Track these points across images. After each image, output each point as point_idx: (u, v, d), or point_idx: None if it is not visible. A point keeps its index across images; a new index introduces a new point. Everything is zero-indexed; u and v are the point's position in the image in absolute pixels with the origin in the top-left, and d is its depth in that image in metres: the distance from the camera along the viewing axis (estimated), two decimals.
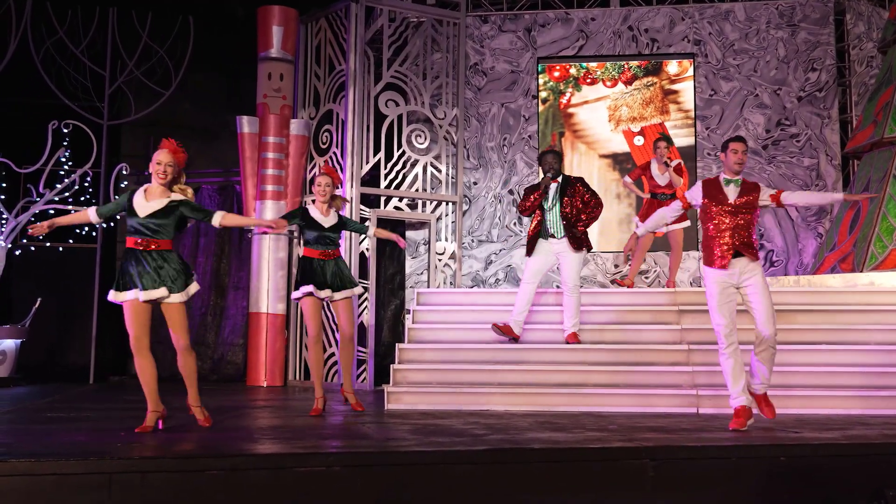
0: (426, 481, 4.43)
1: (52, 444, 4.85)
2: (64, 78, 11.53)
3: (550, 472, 4.58)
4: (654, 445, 4.86)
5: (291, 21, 11.15)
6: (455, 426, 5.90)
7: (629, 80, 11.30)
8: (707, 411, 7.12)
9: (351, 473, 4.37)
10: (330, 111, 10.98)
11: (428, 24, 11.15)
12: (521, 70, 11.41)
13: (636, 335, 8.07)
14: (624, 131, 11.24)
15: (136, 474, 4.14)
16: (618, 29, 11.29)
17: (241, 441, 5.15)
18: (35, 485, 4.04)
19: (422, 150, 10.98)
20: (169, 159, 5.74)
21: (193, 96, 12.63)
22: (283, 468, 4.33)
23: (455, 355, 7.88)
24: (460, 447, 4.77)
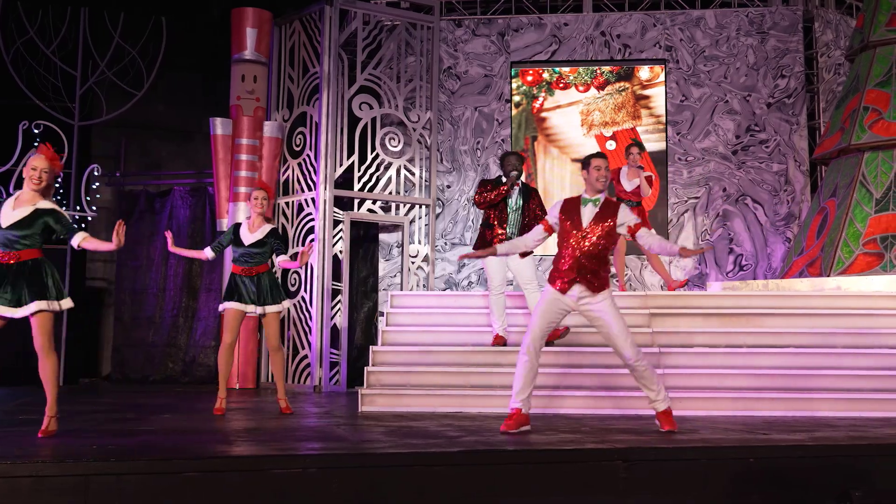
0: (402, 483, 4.47)
1: (27, 446, 4.84)
2: (34, 78, 11.44)
3: (524, 474, 4.64)
4: (626, 447, 4.94)
5: (265, 23, 11.14)
6: (429, 428, 5.94)
7: (601, 85, 11.41)
8: (678, 413, 7.16)
9: (327, 475, 4.40)
10: (304, 114, 10.98)
11: (402, 27, 11.19)
12: (495, 74, 11.48)
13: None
14: (596, 136, 11.35)
15: (113, 476, 4.15)
16: (590, 34, 11.39)
17: (216, 443, 5.16)
18: (12, 487, 4.03)
19: (395, 152, 11.02)
20: (45, 165, 5.53)
21: (166, 97, 12.59)
22: (259, 470, 4.36)
23: (428, 358, 7.92)
24: (435, 449, 4.82)
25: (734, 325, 8.24)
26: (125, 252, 12.25)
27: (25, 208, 5.44)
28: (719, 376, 7.61)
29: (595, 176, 5.88)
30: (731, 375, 7.61)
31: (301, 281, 10.62)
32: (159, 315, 11.97)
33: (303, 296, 10.55)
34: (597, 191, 5.90)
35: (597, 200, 5.90)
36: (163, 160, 13.00)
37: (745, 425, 6.28)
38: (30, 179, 5.48)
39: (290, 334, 10.68)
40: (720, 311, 8.42)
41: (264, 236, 7.19)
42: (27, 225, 5.41)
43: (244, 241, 7.16)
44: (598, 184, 5.88)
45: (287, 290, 10.78)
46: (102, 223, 12.61)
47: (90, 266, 12.88)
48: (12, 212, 5.42)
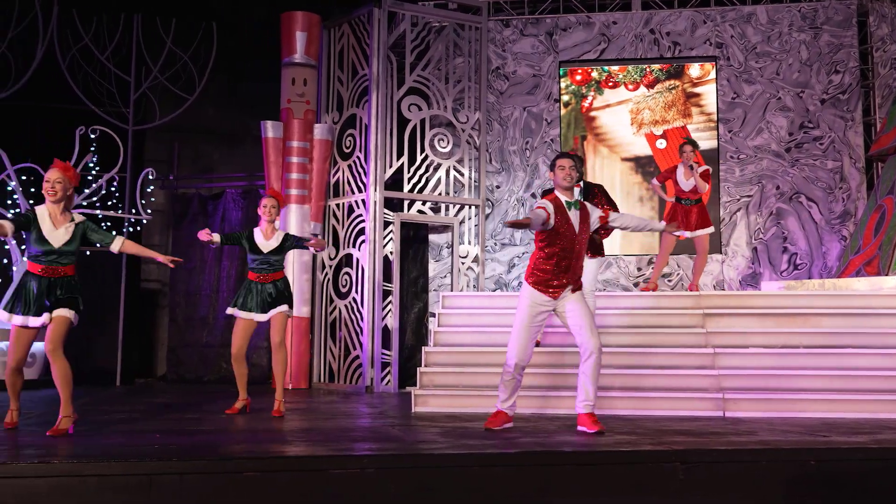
0: (459, 484, 4.47)
1: (91, 445, 4.93)
2: (90, 84, 11.65)
3: (581, 475, 4.62)
4: (684, 448, 4.90)
5: (314, 26, 11.23)
6: (478, 429, 5.94)
7: (651, 84, 11.32)
8: (734, 414, 7.13)
9: (385, 476, 4.42)
10: (353, 116, 11.05)
11: (450, 28, 11.21)
12: (543, 74, 11.45)
13: (661, 339, 8.09)
14: (646, 134, 11.26)
15: (175, 475, 4.21)
16: (639, 32, 11.31)
17: (274, 443, 5.21)
18: (78, 486, 4.11)
19: (444, 153, 11.04)
20: (58, 176, 5.64)
21: (218, 101, 12.75)
22: (317, 470, 4.39)
23: (480, 358, 7.93)
24: (491, 450, 4.82)
25: (790, 325, 8.14)
26: (179, 254, 12.41)
27: (67, 226, 5.62)
28: (776, 377, 7.52)
29: (561, 175, 5.95)
30: (787, 376, 7.52)
31: (352, 282, 10.69)
32: (212, 316, 12.12)
33: (354, 297, 10.61)
34: (565, 189, 5.96)
35: (576, 203, 5.97)
36: (215, 163, 13.15)
37: (804, 427, 6.20)
38: (46, 193, 5.62)
39: (341, 335, 10.75)
40: (776, 310, 8.32)
41: (280, 243, 7.21)
42: (73, 241, 5.62)
43: (262, 249, 7.18)
44: (565, 182, 5.93)
45: (338, 291, 10.86)
46: (157, 226, 12.82)
47: (145, 268, 13.07)
48: (55, 230, 5.58)
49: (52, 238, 5.58)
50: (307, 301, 10.92)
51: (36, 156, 10.93)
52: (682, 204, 9.18)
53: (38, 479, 4.08)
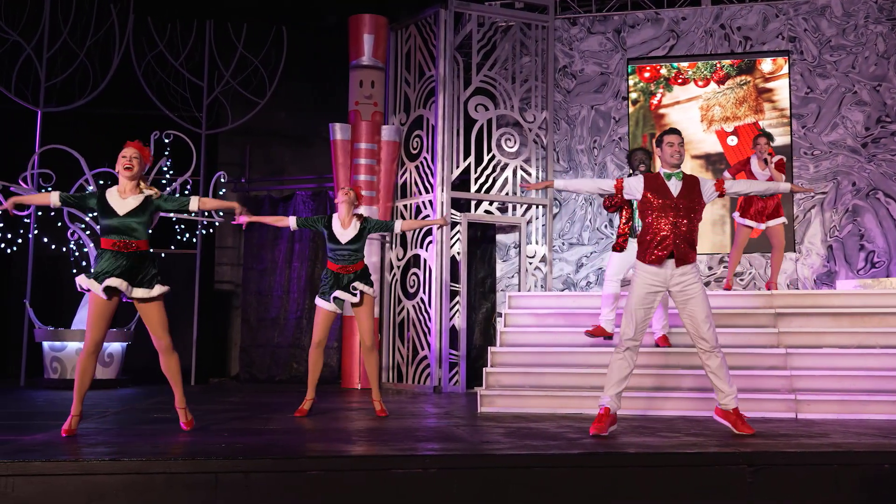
0: (522, 484, 4.46)
1: (161, 443, 5.04)
2: (164, 89, 11.92)
3: (646, 477, 4.57)
4: (752, 451, 4.80)
5: (382, 29, 11.31)
6: (549, 430, 5.92)
7: (722, 80, 11.13)
8: (806, 416, 6.98)
9: (448, 476, 4.43)
10: (420, 117, 11.10)
11: (516, 27, 11.19)
12: (611, 72, 11.34)
13: (731, 339, 7.94)
14: (717, 131, 11.07)
15: (241, 474, 4.28)
16: (709, 28, 11.13)
17: (339, 443, 5.26)
18: (146, 483, 4.21)
19: (511, 153, 11.02)
20: (134, 152, 5.68)
21: (288, 104, 12.90)
22: (380, 470, 4.42)
23: (547, 358, 7.90)
24: (555, 451, 4.79)
25: (866, 324, 7.93)
26: (250, 256, 12.65)
27: (136, 196, 5.63)
28: (850, 378, 7.34)
29: (668, 152, 5.94)
30: (862, 377, 7.33)
31: (420, 282, 10.73)
32: (283, 317, 12.29)
33: (421, 297, 10.65)
34: (672, 166, 5.94)
35: (679, 175, 5.95)
36: (286, 166, 13.32)
37: (879, 430, 6.03)
38: (122, 168, 5.64)
39: (409, 335, 10.81)
40: (850, 310, 8.11)
41: (358, 231, 7.18)
42: (141, 212, 5.60)
43: (340, 239, 7.18)
44: (672, 159, 5.93)
45: (406, 291, 10.92)
46: (230, 228, 13.04)
47: (218, 269, 13.32)
48: (123, 200, 5.60)
49: (120, 207, 5.56)
50: (376, 301, 10.98)
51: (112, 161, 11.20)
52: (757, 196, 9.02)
53: (109, 476, 4.18)
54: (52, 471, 4.15)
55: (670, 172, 5.95)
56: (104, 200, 5.62)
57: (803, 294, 8.59)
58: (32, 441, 4.99)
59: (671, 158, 5.91)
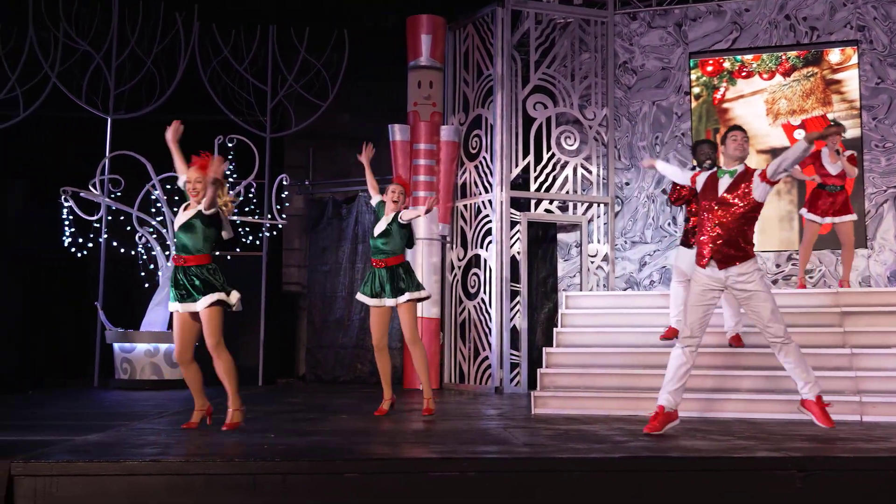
0: (558, 488, 4.40)
1: (206, 444, 5.10)
2: (229, 94, 12.12)
3: (686, 483, 4.46)
4: (803, 456, 4.65)
5: (439, 29, 11.30)
6: (598, 432, 5.83)
7: (787, 72, 10.83)
8: (872, 419, 6.75)
9: (485, 479, 4.39)
10: (479, 116, 11.06)
11: (575, 24, 11.07)
12: (673, 66, 11.14)
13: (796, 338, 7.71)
14: (783, 125, 10.78)
15: (279, 476, 4.30)
16: (774, 19, 10.84)
17: (380, 445, 5.25)
18: (185, 485, 4.26)
19: (571, 151, 10.91)
20: (196, 175, 5.86)
21: (352, 107, 13.00)
22: (416, 472, 4.40)
23: (603, 359, 7.79)
24: (596, 454, 4.71)
25: None
26: (315, 257, 12.78)
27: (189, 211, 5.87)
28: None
29: (732, 146, 5.87)
30: None
31: (480, 283, 10.70)
32: (347, 318, 12.38)
33: (482, 297, 10.62)
34: (735, 160, 5.87)
35: (733, 172, 5.86)
36: (351, 168, 13.36)
37: None
38: (189, 192, 5.94)
39: (471, 336, 10.78)
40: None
41: (388, 224, 7.06)
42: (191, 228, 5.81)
43: (374, 230, 7.14)
44: (735, 152, 5.86)
45: (467, 292, 10.89)
46: (296, 230, 13.21)
47: (286, 271, 13.50)
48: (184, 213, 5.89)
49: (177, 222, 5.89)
50: (436, 302, 10.99)
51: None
52: (827, 190, 8.79)
53: (149, 476, 4.24)
54: (94, 471, 4.23)
55: (725, 169, 5.87)
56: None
57: (871, 292, 8.34)
58: (84, 442, 5.10)
59: (734, 152, 5.85)
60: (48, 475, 4.18)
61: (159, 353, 10.49)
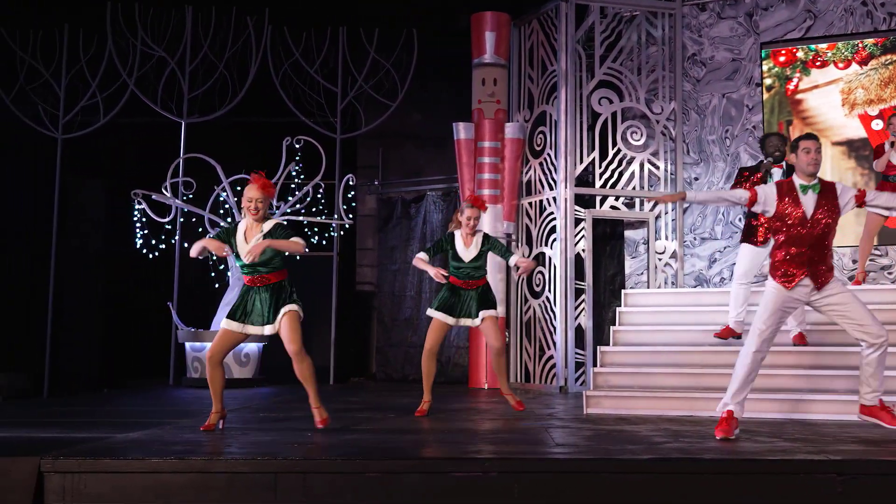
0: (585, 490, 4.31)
1: (237, 443, 5.14)
2: (300, 96, 12.27)
3: (718, 486, 4.32)
4: (843, 459, 4.45)
5: (504, 26, 11.23)
6: (640, 433, 5.69)
7: (864, 60, 10.41)
8: None
9: (508, 480, 4.33)
10: (543, 113, 10.94)
11: (641, 17, 10.86)
12: (743, 57, 10.82)
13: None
14: (860, 115, 10.36)
15: (299, 475, 4.32)
16: (850, 5, 10.43)
17: (408, 444, 5.20)
18: (208, 482, 4.31)
19: (638, 146, 10.69)
20: (259, 195, 5.81)
21: (420, 106, 13.01)
22: (439, 472, 4.37)
23: (659, 358, 7.61)
24: (625, 455, 4.59)
25: None
26: (385, 257, 12.86)
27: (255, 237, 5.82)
28: None
29: (805, 160, 5.51)
30: None
31: (545, 281, 10.59)
32: (416, 316, 12.40)
33: (547, 296, 10.51)
34: (809, 175, 5.51)
35: (816, 186, 5.52)
36: (421, 167, 13.42)
37: None
38: (248, 210, 5.87)
39: (536, 335, 10.68)
40: None
41: (479, 249, 7.12)
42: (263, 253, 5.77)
43: (463, 257, 7.13)
44: (810, 168, 5.49)
45: (532, 290, 10.79)
46: (369, 230, 13.31)
47: (360, 271, 13.60)
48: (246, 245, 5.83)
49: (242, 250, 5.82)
50: (502, 301, 10.92)
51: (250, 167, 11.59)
52: (891, 181, 8.44)
53: (173, 474, 4.31)
54: (121, 468, 4.32)
55: (806, 184, 5.53)
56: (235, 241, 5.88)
57: None
58: (123, 439, 5.21)
59: (808, 167, 5.49)
60: (76, 472, 4.29)
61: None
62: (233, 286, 11.08)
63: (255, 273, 5.87)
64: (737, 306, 7.56)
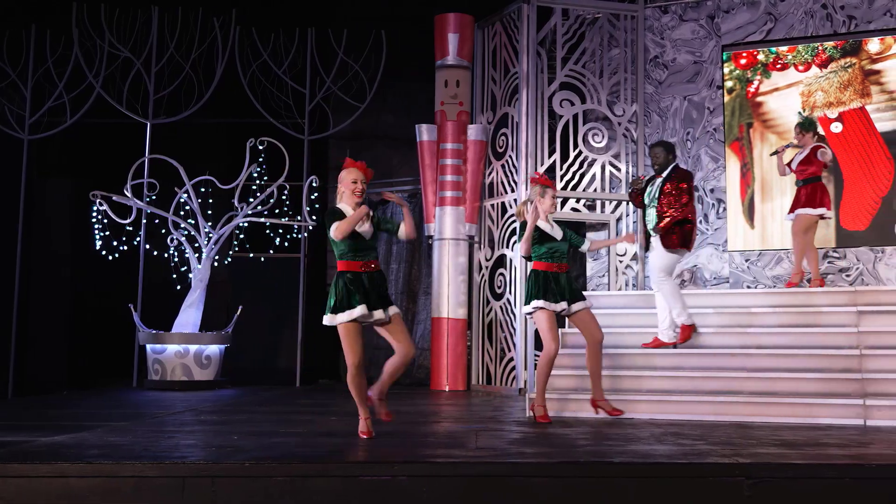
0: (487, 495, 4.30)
1: (157, 447, 5.12)
2: (268, 98, 12.27)
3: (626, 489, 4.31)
4: (752, 462, 4.45)
5: (467, 27, 11.23)
6: (569, 436, 5.69)
7: (824, 63, 10.41)
8: (876, 423, 6.44)
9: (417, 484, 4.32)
10: (506, 115, 10.93)
11: (604, 19, 10.86)
12: (705, 60, 10.82)
13: (806, 339, 7.45)
14: (819, 118, 10.35)
15: (207, 479, 4.31)
16: (810, 8, 10.44)
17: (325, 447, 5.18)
18: (115, 487, 4.30)
19: (599, 148, 10.69)
20: (363, 176, 5.62)
21: (394, 107, 13.01)
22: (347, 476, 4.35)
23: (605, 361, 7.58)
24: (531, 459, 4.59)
25: None
26: None
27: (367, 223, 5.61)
28: None
29: None
30: None
31: (505, 283, 10.58)
32: None
33: (508, 298, 10.51)
34: None
35: None
36: (394, 168, 13.40)
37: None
38: (353, 193, 5.59)
39: (498, 337, 10.67)
40: None
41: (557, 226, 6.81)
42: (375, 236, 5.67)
43: (555, 236, 6.72)
44: None
45: (494, 292, 10.79)
46: None
47: (329, 272, 13.57)
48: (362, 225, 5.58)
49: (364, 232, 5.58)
50: (463, 303, 10.93)
51: (213, 168, 11.60)
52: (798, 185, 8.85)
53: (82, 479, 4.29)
54: (28, 473, 4.30)
55: None
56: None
57: (890, 290, 7.94)
58: (47, 442, 5.19)
59: None
60: None
61: (189, 354, 10.66)
62: (195, 287, 11.06)
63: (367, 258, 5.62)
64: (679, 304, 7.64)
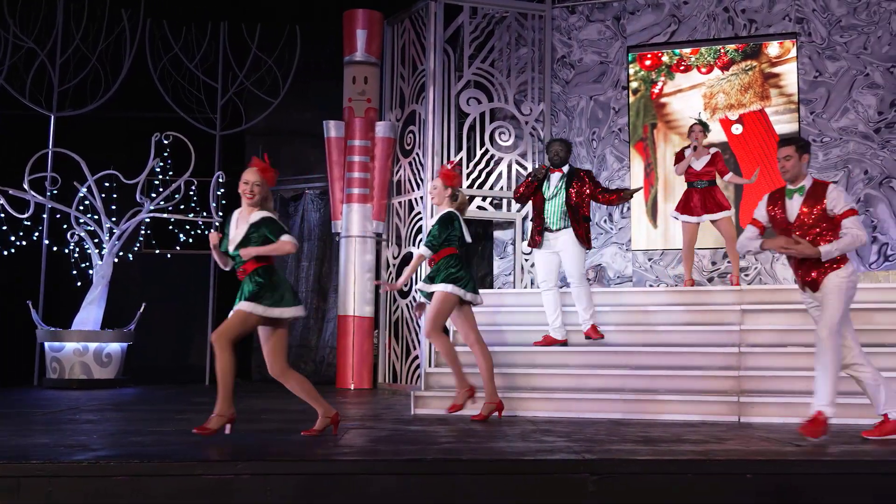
0: (345, 492, 4.27)
1: (7, 446, 4.98)
2: (180, 92, 12.08)
3: (478, 486, 4.30)
4: (598, 459, 4.48)
5: (376, 24, 11.18)
6: (437, 433, 5.68)
7: (726, 66, 10.56)
8: (750, 420, 6.54)
9: (259, 482, 4.27)
10: (413, 112, 10.90)
11: (512, 18, 10.88)
12: (611, 60, 10.91)
13: (693, 337, 7.55)
14: (721, 120, 10.51)
15: (43, 479, 4.21)
16: (712, 11, 10.58)
17: (180, 446, 5.09)
18: None
19: (507, 147, 10.71)
20: (256, 178, 5.44)
21: (309, 104, 12.88)
22: (189, 475, 4.29)
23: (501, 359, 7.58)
24: (386, 457, 4.57)
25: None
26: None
27: (242, 228, 5.43)
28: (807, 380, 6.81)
29: (779, 167, 5.53)
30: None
31: (412, 281, 10.54)
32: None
33: (414, 296, 10.47)
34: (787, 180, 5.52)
35: (802, 189, 5.48)
36: (312, 164, 13.27)
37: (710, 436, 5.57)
38: (243, 194, 5.44)
39: (403, 335, 10.63)
40: None
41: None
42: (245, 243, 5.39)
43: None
44: (785, 175, 5.49)
45: (401, 290, 10.73)
46: None
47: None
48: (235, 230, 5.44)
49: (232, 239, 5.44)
50: (370, 301, 10.87)
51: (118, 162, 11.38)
52: (696, 187, 8.84)
53: None
54: None
55: (792, 188, 5.51)
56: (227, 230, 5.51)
57: (773, 289, 8.08)
58: None
59: (783, 175, 5.50)
60: None
61: (89, 352, 10.45)
62: (96, 284, 10.84)
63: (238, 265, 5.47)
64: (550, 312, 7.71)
